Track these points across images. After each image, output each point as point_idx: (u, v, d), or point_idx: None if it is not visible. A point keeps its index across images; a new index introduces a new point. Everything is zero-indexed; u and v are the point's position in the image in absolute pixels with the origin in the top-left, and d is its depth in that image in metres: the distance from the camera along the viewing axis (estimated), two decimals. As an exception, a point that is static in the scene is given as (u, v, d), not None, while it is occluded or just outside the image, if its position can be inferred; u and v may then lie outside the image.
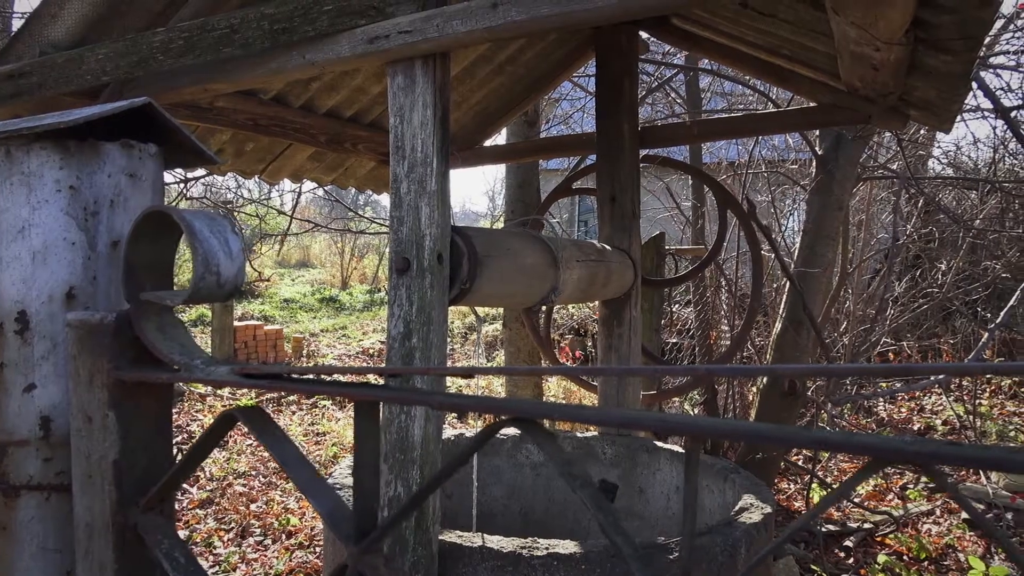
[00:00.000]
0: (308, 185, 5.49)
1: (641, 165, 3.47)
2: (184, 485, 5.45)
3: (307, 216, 18.98)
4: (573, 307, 11.07)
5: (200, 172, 5.71)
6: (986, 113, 5.72)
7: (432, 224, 1.92)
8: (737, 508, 2.31)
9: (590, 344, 10.01)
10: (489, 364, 11.12)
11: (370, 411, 1.01)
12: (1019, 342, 8.24)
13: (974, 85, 3.49)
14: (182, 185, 6.75)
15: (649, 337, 4.31)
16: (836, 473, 5.95)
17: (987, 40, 7.20)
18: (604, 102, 3.32)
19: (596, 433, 3.33)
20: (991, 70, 5.84)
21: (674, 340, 7.30)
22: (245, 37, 2.11)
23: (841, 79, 2.74)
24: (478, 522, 3.12)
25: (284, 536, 4.82)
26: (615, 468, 3.24)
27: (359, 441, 1.01)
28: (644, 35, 3.81)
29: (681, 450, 3.10)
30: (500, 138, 5.38)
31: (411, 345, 1.89)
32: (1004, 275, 6.47)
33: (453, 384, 9.14)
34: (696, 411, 5.84)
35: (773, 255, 4.81)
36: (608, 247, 3.09)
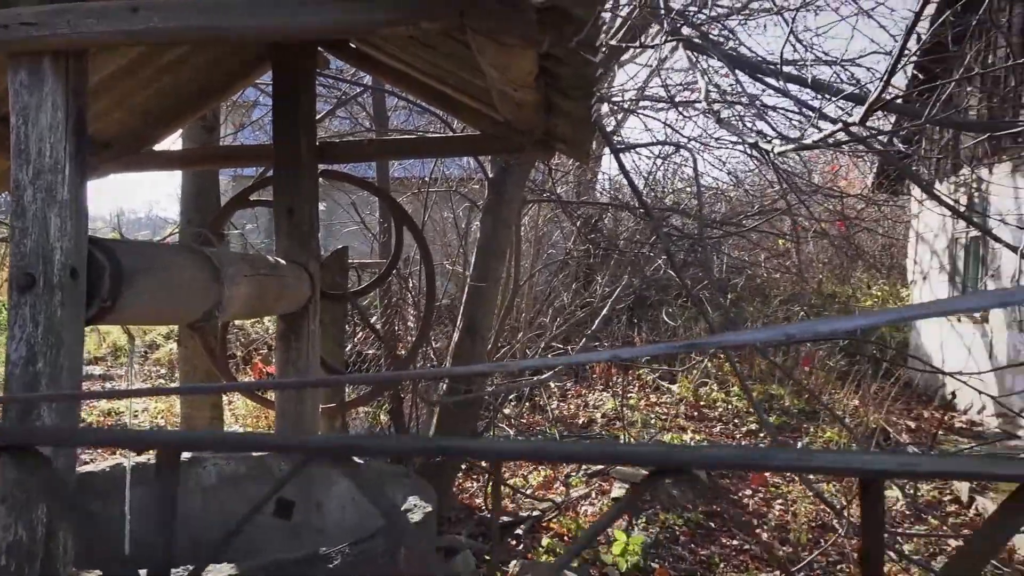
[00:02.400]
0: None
1: (321, 179, 3.50)
2: None
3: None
4: (269, 320, 10.64)
5: None
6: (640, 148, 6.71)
7: (64, 236, 1.75)
8: (402, 510, 2.44)
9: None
10: (165, 384, 10.19)
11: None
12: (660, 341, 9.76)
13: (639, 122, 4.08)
14: None
15: (333, 350, 4.34)
16: (514, 468, 6.51)
17: (637, 86, 8.42)
18: (281, 114, 3.30)
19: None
20: (640, 112, 6.85)
21: (372, 352, 7.40)
22: None
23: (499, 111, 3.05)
24: (139, 557, 2.87)
25: None
26: (292, 485, 3.20)
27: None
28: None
29: (358, 460, 3.17)
30: (179, 142, 5.04)
31: (35, 370, 1.71)
32: (644, 288, 7.63)
33: (136, 406, 8.23)
34: (386, 419, 5.99)
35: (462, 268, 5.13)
36: (283, 261, 3.07)
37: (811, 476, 4.21)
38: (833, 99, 2.68)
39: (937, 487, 6.45)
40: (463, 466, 5.98)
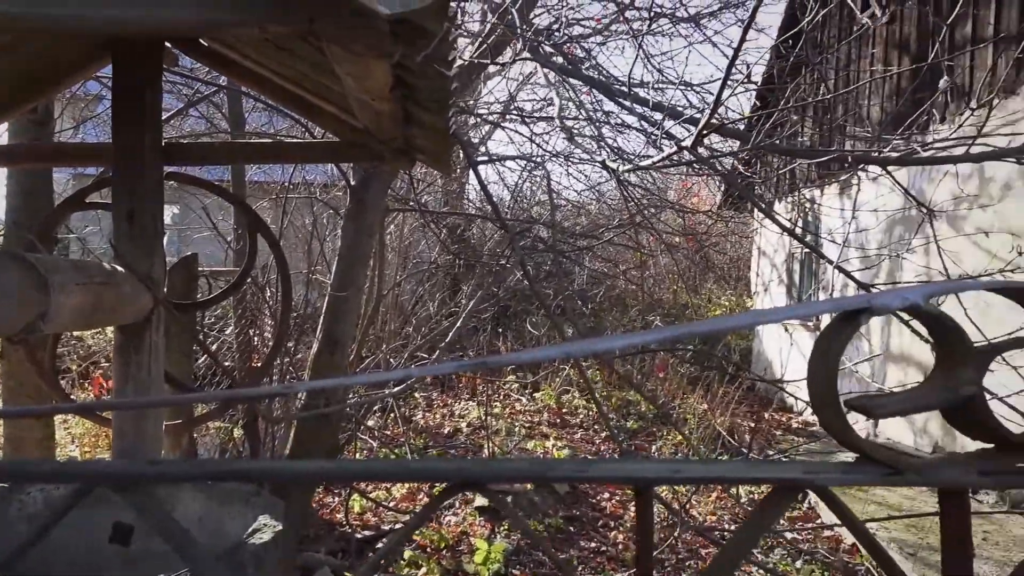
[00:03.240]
0: None
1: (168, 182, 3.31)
2: None
3: None
4: (112, 331, 9.92)
5: None
6: (500, 162, 6.81)
7: None
8: (250, 530, 2.34)
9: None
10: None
11: None
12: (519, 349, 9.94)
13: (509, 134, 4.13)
14: None
15: (180, 363, 4.09)
16: (376, 484, 6.40)
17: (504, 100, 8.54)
18: (122, 111, 3.08)
19: (109, 472, 3.03)
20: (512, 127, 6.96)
21: (228, 364, 7.04)
22: None
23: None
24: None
25: None
26: (132, 508, 2.99)
27: None
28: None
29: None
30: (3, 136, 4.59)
31: None
32: (508, 298, 7.75)
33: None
34: (240, 436, 5.72)
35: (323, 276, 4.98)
36: (120, 268, 2.87)
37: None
38: (676, 122, 2.85)
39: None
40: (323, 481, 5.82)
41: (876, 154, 2.34)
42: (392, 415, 7.71)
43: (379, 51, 1.66)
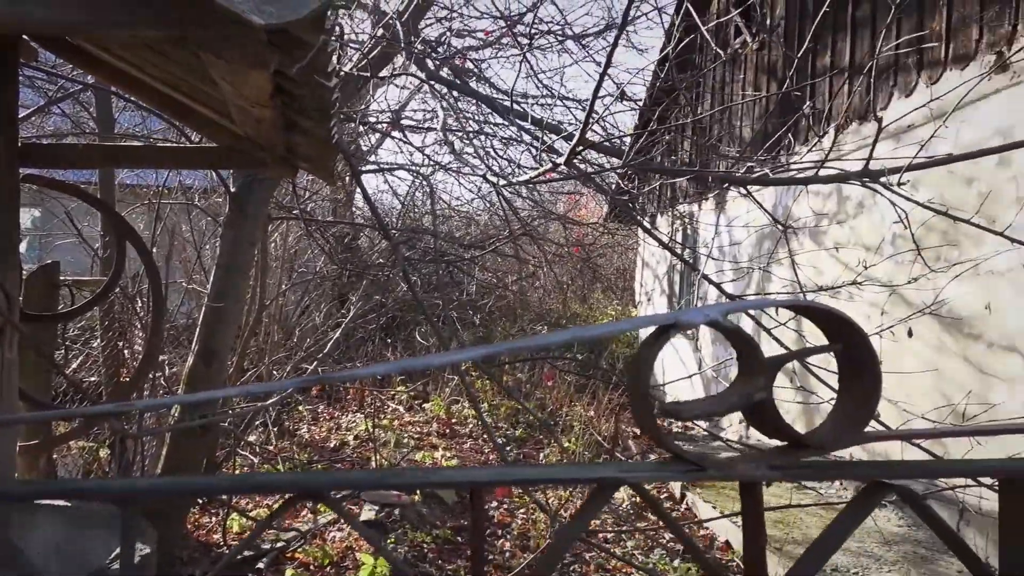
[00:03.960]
0: None
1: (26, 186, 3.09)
2: None
3: None
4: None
5: None
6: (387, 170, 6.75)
7: None
8: (114, 555, 2.22)
9: None
10: None
11: None
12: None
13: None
14: None
15: (38, 379, 3.81)
16: (258, 497, 6.18)
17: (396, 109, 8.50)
18: (-27, 109, 2.86)
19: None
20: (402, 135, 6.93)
21: (94, 379, 6.60)
22: None
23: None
24: None
25: None
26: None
27: None
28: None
29: (63, 503, 2.83)
30: None
31: None
32: (397, 308, 7.70)
33: None
34: (107, 455, 5.39)
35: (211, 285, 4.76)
36: (-31, 278, 2.66)
37: (517, 488, 4.51)
38: (558, 137, 2.95)
39: (656, 486, 7.23)
40: (199, 501, 5.57)
41: (738, 174, 2.51)
42: (275, 429, 7.47)
43: (255, 61, 1.64)
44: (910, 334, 5.80)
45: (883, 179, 2.07)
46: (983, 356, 5.08)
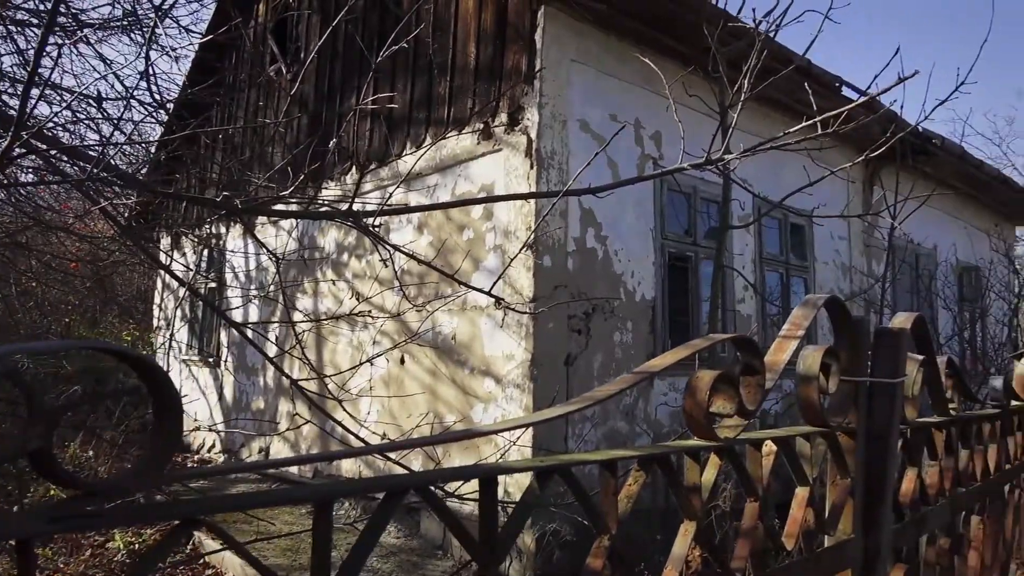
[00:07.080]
0: None
1: None
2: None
3: None
4: None
5: None
6: None
7: None
8: None
9: None
10: None
11: None
12: None
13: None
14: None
15: None
16: None
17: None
18: None
19: None
20: None
21: None
22: None
23: None
24: None
25: None
26: None
27: None
28: None
29: None
30: None
31: None
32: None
33: None
34: None
35: None
36: None
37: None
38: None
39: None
40: None
41: (241, 205, 2.45)
42: None
43: None
44: (402, 361, 6.45)
45: (365, 220, 2.25)
46: (467, 379, 5.91)
